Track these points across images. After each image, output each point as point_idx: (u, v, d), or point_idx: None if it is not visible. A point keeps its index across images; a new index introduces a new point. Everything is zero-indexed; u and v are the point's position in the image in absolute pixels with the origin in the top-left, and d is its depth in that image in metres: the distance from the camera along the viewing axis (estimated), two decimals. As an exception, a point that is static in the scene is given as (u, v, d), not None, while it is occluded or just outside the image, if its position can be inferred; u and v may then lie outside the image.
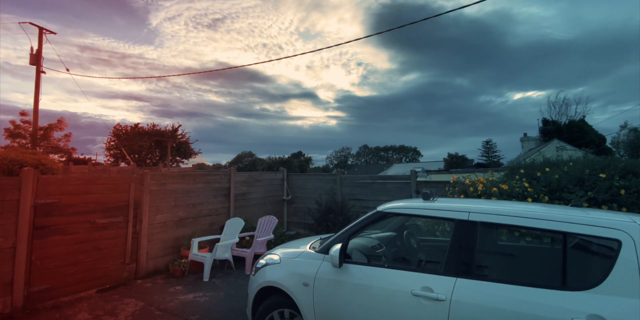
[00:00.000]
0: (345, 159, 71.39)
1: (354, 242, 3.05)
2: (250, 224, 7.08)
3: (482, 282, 2.21)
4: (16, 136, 22.72)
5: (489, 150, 43.48)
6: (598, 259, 2.19)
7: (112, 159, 28.04)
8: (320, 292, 2.76)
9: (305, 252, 3.13)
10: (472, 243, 2.37)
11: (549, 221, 2.21)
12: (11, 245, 4.14)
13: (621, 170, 4.05)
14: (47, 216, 4.48)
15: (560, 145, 19.78)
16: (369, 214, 2.98)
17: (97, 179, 5.10)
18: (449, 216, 2.58)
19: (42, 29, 14.68)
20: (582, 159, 4.86)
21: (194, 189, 6.53)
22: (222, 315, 4.14)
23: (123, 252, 5.31)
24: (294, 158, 58.91)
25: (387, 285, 2.49)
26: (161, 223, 5.90)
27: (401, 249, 3.44)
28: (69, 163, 17.62)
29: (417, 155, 69.79)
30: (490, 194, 4.30)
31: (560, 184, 4.16)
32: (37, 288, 4.32)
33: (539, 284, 2.08)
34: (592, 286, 1.95)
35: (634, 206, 3.72)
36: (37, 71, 14.56)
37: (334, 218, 7.01)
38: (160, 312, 4.19)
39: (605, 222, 2.07)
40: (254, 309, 3.30)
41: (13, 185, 4.21)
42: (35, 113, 14.76)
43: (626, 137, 33.33)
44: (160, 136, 27.59)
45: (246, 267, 5.90)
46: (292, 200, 9.10)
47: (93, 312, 4.16)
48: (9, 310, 4.05)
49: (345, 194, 8.02)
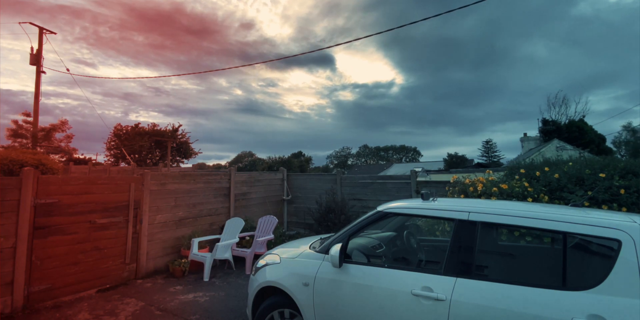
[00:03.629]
0: (345, 159, 71.39)
1: (354, 242, 3.05)
2: (250, 224, 7.08)
3: (482, 282, 2.22)
4: (19, 136, 22.74)
5: (489, 150, 43.44)
6: (598, 259, 2.19)
7: (112, 159, 28.05)
8: (321, 292, 2.76)
9: (305, 252, 3.13)
10: (472, 243, 2.37)
11: (549, 221, 2.21)
12: (11, 245, 4.14)
13: (621, 170, 4.05)
14: (47, 216, 4.48)
15: (560, 145, 19.77)
16: (369, 214, 2.98)
17: (97, 179, 5.10)
18: (449, 216, 2.58)
19: (42, 29, 14.68)
20: (581, 159, 4.86)
21: (194, 189, 6.53)
22: (222, 315, 4.14)
23: (123, 252, 5.31)
24: (294, 158, 58.90)
25: (387, 285, 2.49)
26: (161, 223, 5.90)
27: (401, 249, 3.44)
28: (69, 163, 17.62)
29: (417, 155, 69.81)
30: (490, 194, 4.30)
31: (560, 183, 4.16)
32: (37, 288, 4.32)
33: (539, 283, 2.08)
34: (592, 286, 1.95)
35: (634, 206, 3.72)
36: (37, 71, 14.55)
37: (334, 218, 7.01)
38: (160, 312, 4.20)
39: (605, 222, 2.07)
40: (254, 309, 3.30)
41: (13, 185, 4.21)
42: (36, 113, 14.75)
43: (626, 137, 33.36)
44: (160, 136, 27.59)
45: (246, 267, 5.90)
46: (292, 200, 9.10)
47: (93, 312, 4.16)
48: (9, 310, 4.06)
49: (345, 194, 8.03)
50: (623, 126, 35.05)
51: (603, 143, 25.94)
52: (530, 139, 24.91)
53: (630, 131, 33.53)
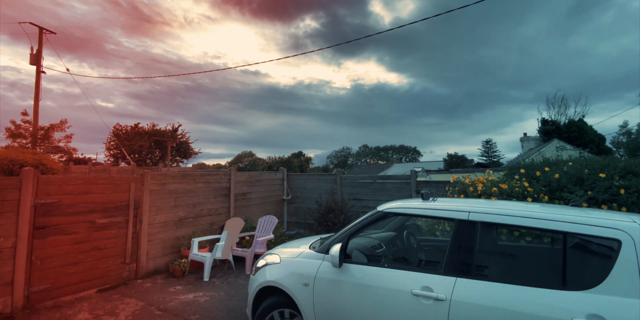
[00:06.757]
0: (345, 159, 71.39)
1: (354, 242, 3.05)
2: (250, 224, 7.09)
3: (482, 282, 2.22)
4: (17, 136, 22.72)
5: (489, 150, 43.47)
6: (598, 259, 2.19)
7: (112, 159, 28.05)
8: (321, 291, 2.76)
9: (305, 252, 3.13)
10: (472, 243, 2.37)
11: (549, 221, 2.21)
12: (11, 245, 4.14)
13: (621, 170, 4.05)
14: (47, 216, 4.48)
15: (560, 145, 19.77)
16: (369, 214, 2.98)
17: (97, 179, 5.10)
18: (449, 216, 2.58)
19: (42, 28, 14.68)
20: (581, 159, 4.86)
21: (194, 188, 6.53)
22: (222, 315, 4.15)
23: (123, 252, 5.31)
24: (294, 158, 58.95)
25: (387, 285, 2.49)
26: (161, 223, 5.90)
27: (401, 249, 3.44)
28: (69, 163, 17.62)
29: (417, 155, 69.84)
30: (490, 194, 4.30)
31: (560, 183, 4.16)
32: (37, 288, 4.32)
33: (539, 283, 2.08)
34: (592, 286, 1.95)
35: (634, 206, 3.72)
36: (37, 71, 14.56)
37: (334, 218, 7.01)
38: (160, 312, 4.20)
39: (605, 222, 2.07)
40: (254, 309, 3.30)
41: (13, 185, 4.21)
42: (36, 113, 14.76)
43: (622, 139, 33.33)
44: (160, 136, 27.59)
45: (246, 267, 5.90)
46: (292, 200, 9.10)
47: (93, 312, 4.16)
48: (9, 310, 4.06)
49: (345, 193, 8.03)
50: (620, 126, 35.05)
51: (603, 143, 25.92)
52: (530, 138, 24.94)
53: (626, 133, 33.51)
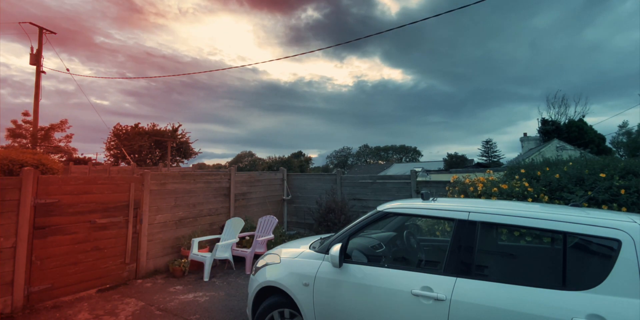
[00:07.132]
0: (345, 159, 71.38)
1: (354, 242, 3.05)
2: (250, 224, 7.09)
3: (482, 282, 2.22)
4: (17, 136, 22.71)
5: (489, 150, 43.45)
6: (598, 259, 2.19)
7: (112, 159, 28.04)
8: (320, 291, 2.76)
9: (305, 251, 3.13)
10: (472, 243, 2.37)
11: (549, 221, 2.21)
12: (11, 245, 4.14)
13: (621, 170, 4.05)
14: (47, 216, 4.48)
15: (560, 145, 19.76)
16: (369, 214, 2.98)
17: (97, 179, 5.10)
18: (449, 216, 2.58)
19: (42, 28, 14.68)
20: (581, 159, 4.86)
21: (194, 188, 6.53)
22: (222, 315, 4.15)
23: (123, 252, 5.31)
24: (294, 158, 58.94)
25: (387, 285, 2.49)
26: (161, 223, 5.90)
27: (401, 249, 3.44)
28: (69, 163, 17.61)
29: (417, 155, 69.81)
30: (490, 194, 4.30)
31: (560, 183, 4.16)
32: (37, 288, 4.32)
33: (539, 283, 2.08)
34: (592, 286, 1.95)
35: (634, 206, 3.72)
36: (37, 71, 14.56)
37: (334, 218, 7.01)
38: (160, 312, 4.20)
39: (605, 222, 2.07)
40: (254, 309, 3.30)
41: (13, 185, 4.21)
42: (36, 113, 14.77)
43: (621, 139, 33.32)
44: (160, 136, 27.59)
45: (246, 267, 5.90)
46: (292, 200, 9.10)
47: (93, 312, 4.16)
48: (9, 310, 4.06)
49: (345, 193, 8.03)
50: (619, 126, 35.07)
51: (603, 143, 25.92)
52: (530, 138, 24.93)
53: (625, 133, 33.52)
